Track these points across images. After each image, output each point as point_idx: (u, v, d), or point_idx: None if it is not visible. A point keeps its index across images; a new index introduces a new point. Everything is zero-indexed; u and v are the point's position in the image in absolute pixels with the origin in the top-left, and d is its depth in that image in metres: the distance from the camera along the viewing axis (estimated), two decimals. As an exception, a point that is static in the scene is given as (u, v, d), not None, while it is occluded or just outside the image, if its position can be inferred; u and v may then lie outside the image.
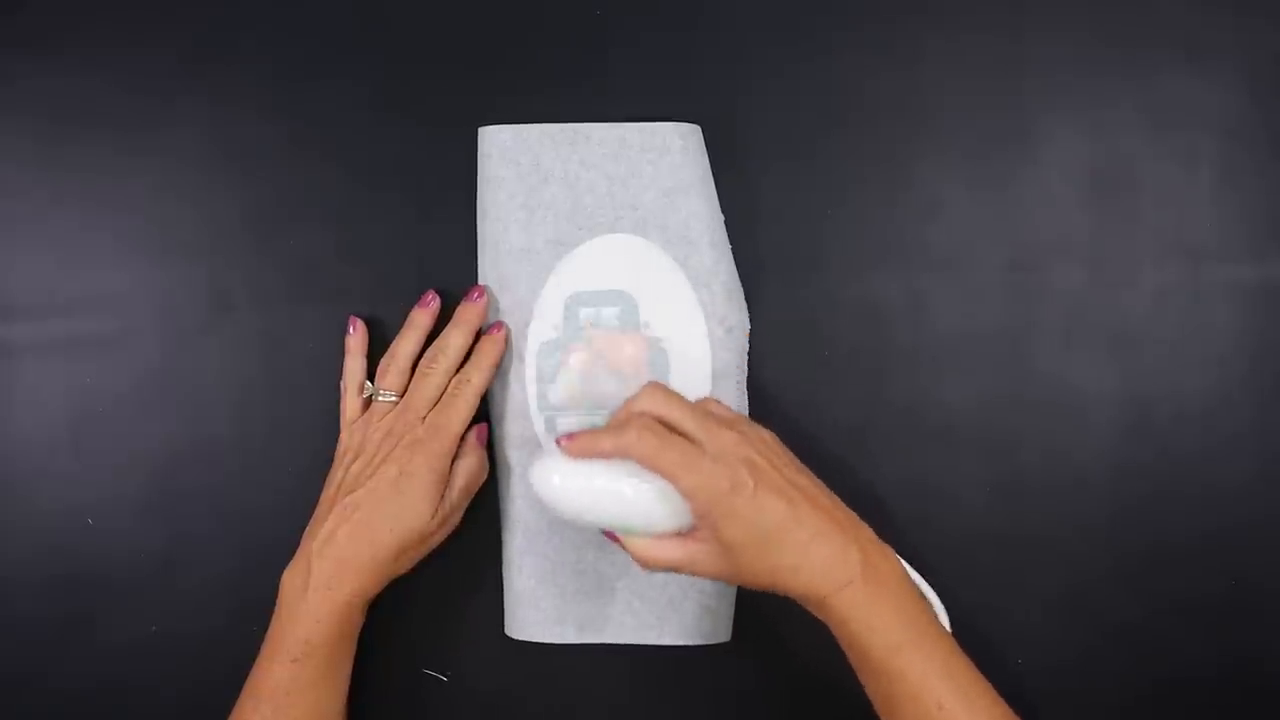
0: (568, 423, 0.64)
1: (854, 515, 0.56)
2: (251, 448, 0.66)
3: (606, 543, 0.64)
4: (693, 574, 0.57)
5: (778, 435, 0.59)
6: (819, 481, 0.57)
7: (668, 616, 0.65)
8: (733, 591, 0.65)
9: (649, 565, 0.57)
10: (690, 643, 0.65)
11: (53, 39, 0.67)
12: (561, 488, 0.57)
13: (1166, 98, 0.67)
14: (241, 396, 0.66)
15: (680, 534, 0.57)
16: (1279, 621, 0.66)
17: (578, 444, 0.56)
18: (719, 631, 0.65)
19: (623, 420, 0.56)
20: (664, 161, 0.65)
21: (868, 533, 0.56)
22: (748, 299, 0.66)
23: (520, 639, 0.65)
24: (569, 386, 0.65)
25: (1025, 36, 0.67)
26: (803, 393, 0.66)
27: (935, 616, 0.56)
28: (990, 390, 0.66)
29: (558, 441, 0.57)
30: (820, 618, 0.55)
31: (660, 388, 0.57)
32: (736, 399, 0.65)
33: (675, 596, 0.65)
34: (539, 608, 0.65)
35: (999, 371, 0.66)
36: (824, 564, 0.54)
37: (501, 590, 0.66)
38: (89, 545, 0.66)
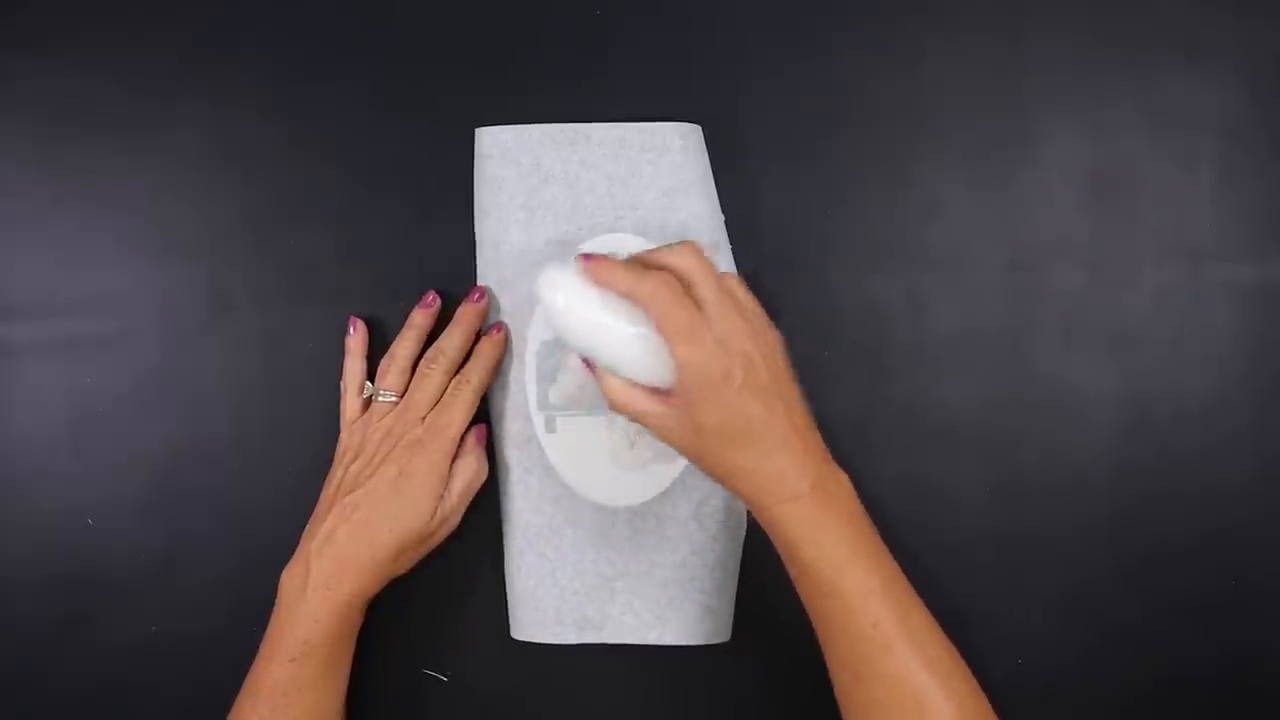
0: (568, 423, 0.64)
1: (820, 439, 0.56)
2: (251, 448, 0.66)
3: (606, 543, 0.65)
4: (653, 432, 0.56)
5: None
6: (802, 399, 0.56)
7: (668, 616, 0.65)
8: (733, 591, 0.65)
9: (616, 407, 0.56)
10: (690, 643, 0.65)
11: (53, 39, 0.67)
12: (564, 307, 0.56)
13: (1166, 98, 0.67)
14: (241, 396, 0.66)
15: (656, 390, 0.56)
16: (1279, 621, 0.66)
17: (596, 268, 0.55)
18: (719, 631, 0.65)
19: (646, 267, 0.55)
20: (664, 161, 0.65)
21: (827, 456, 0.56)
22: (748, 299, 0.66)
23: (520, 639, 0.65)
24: (569, 386, 0.65)
25: (1025, 36, 0.67)
26: (803, 393, 0.66)
27: (878, 538, 0.55)
28: (990, 390, 0.66)
29: (578, 258, 0.55)
30: (765, 528, 0.55)
31: (695, 249, 0.56)
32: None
33: (675, 596, 0.65)
34: (539, 608, 0.65)
35: (999, 371, 0.66)
36: (778, 474, 0.54)
37: (501, 590, 0.66)
38: (89, 545, 0.66)
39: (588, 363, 0.57)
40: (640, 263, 0.56)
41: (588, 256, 0.55)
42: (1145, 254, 0.66)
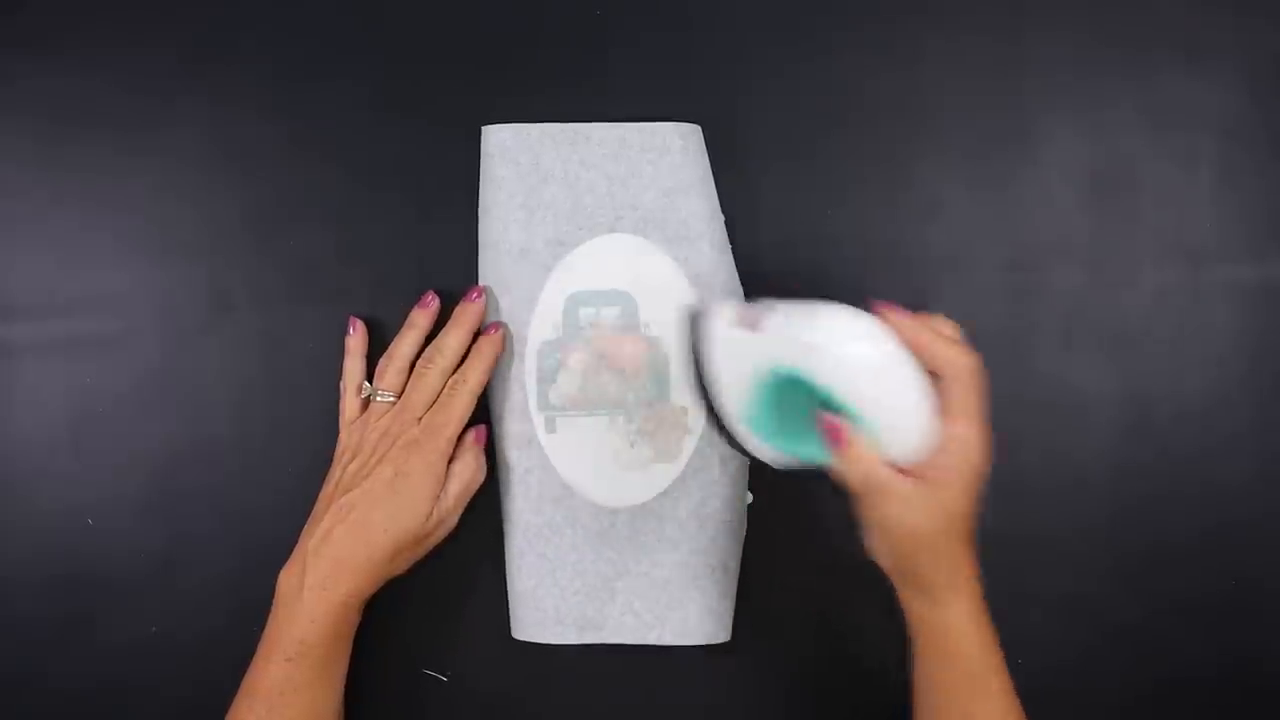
0: (568, 423, 0.64)
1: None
2: (251, 448, 0.66)
3: (606, 543, 0.65)
4: (875, 507, 0.54)
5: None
6: None
7: (668, 616, 0.65)
8: (733, 591, 0.65)
9: (857, 474, 0.53)
10: (690, 643, 0.65)
11: (53, 39, 0.67)
12: (866, 354, 0.52)
13: (1166, 98, 0.67)
14: (241, 396, 0.66)
15: (896, 466, 0.53)
16: (1279, 621, 0.66)
17: (907, 323, 0.53)
18: (719, 631, 0.65)
19: (964, 349, 0.53)
20: (664, 161, 0.65)
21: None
22: (748, 299, 0.66)
23: (520, 639, 0.65)
24: (569, 386, 0.65)
25: (1025, 36, 0.67)
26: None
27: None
28: (990, 390, 0.66)
29: (876, 305, 0.53)
30: (921, 622, 0.56)
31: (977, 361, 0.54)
32: (736, 399, 0.65)
33: (675, 597, 0.65)
34: (539, 608, 0.65)
35: (999, 371, 0.66)
36: (970, 570, 0.55)
37: (501, 590, 0.66)
38: (89, 545, 0.66)
39: (829, 420, 0.53)
40: (951, 338, 0.54)
41: (888, 305, 0.53)
42: (1145, 254, 0.66)
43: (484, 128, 0.66)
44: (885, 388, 0.52)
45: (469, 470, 0.63)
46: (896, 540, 0.54)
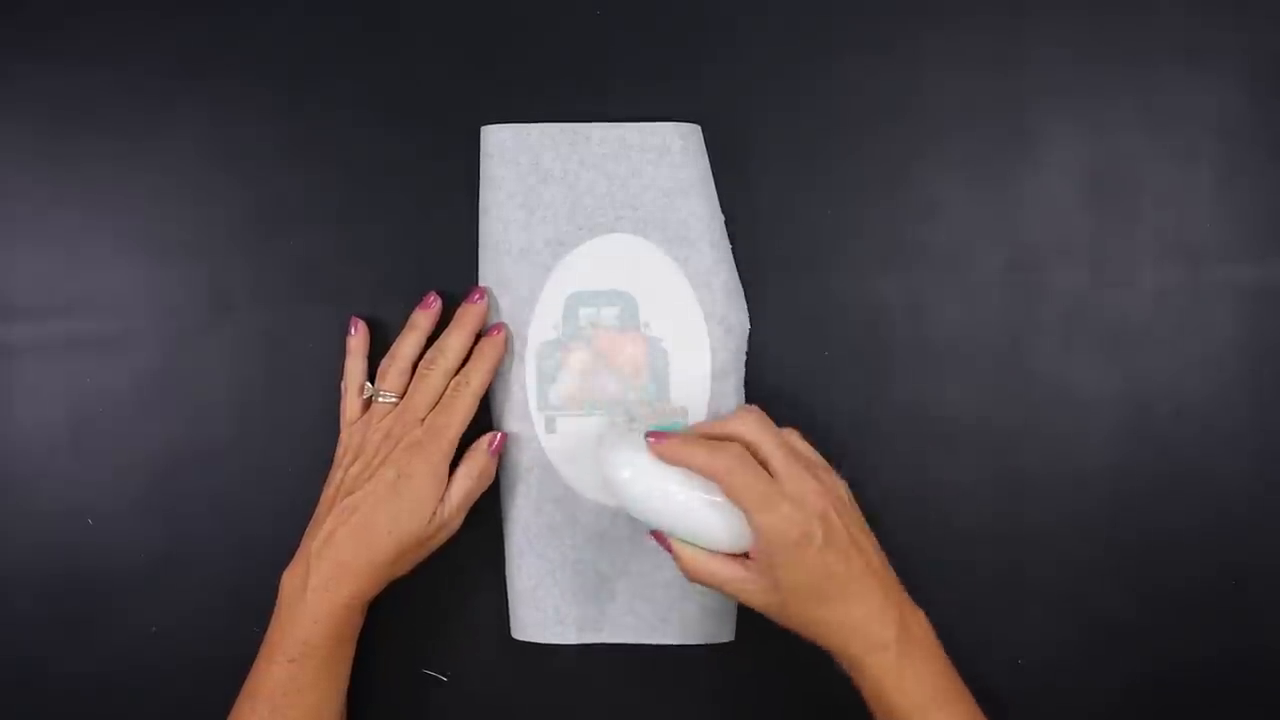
0: (568, 423, 0.64)
1: (895, 578, 0.58)
2: (251, 448, 0.66)
3: (606, 543, 0.65)
4: (736, 596, 0.58)
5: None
6: (874, 540, 0.58)
7: (668, 616, 0.65)
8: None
9: (695, 577, 0.58)
10: (691, 643, 0.65)
11: (53, 39, 0.67)
12: (630, 482, 0.58)
13: (1166, 98, 0.67)
14: (242, 397, 0.66)
15: (734, 556, 0.58)
16: (1278, 621, 0.66)
17: (668, 449, 0.57)
18: (721, 632, 0.65)
19: (717, 445, 0.57)
20: (664, 161, 0.65)
21: (905, 596, 0.57)
22: (748, 299, 0.66)
23: (520, 639, 0.65)
24: (569, 386, 0.65)
25: (1025, 36, 0.67)
26: (803, 393, 0.66)
27: (961, 682, 0.56)
28: (990, 390, 0.66)
29: (647, 437, 0.58)
30: (853, 676, 0.56)
31: (756, 414, 0.58)
32: (736, 399, 0.65)
33: (676, 597, 0.65)
34: (539, 608, 0.65)
35: (999, 371, 0.66)
36: (863, 624, 0.55)
37: (501, 590, 0.66)
38: (89, 545, 0.66)
39: (658, 535, 0.59)
40: (704, 436, 0.58)
41: (657, 435, 0.57)
42: (1145, 254, 0.66)
43: (483, 128, 0.66)
44: (669, 506, 0.57)
45: (478, 474, 0.62)
46: (769, 616, 0.58)
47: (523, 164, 0.65)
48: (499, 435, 0.64)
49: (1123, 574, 0.66)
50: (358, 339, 0.65)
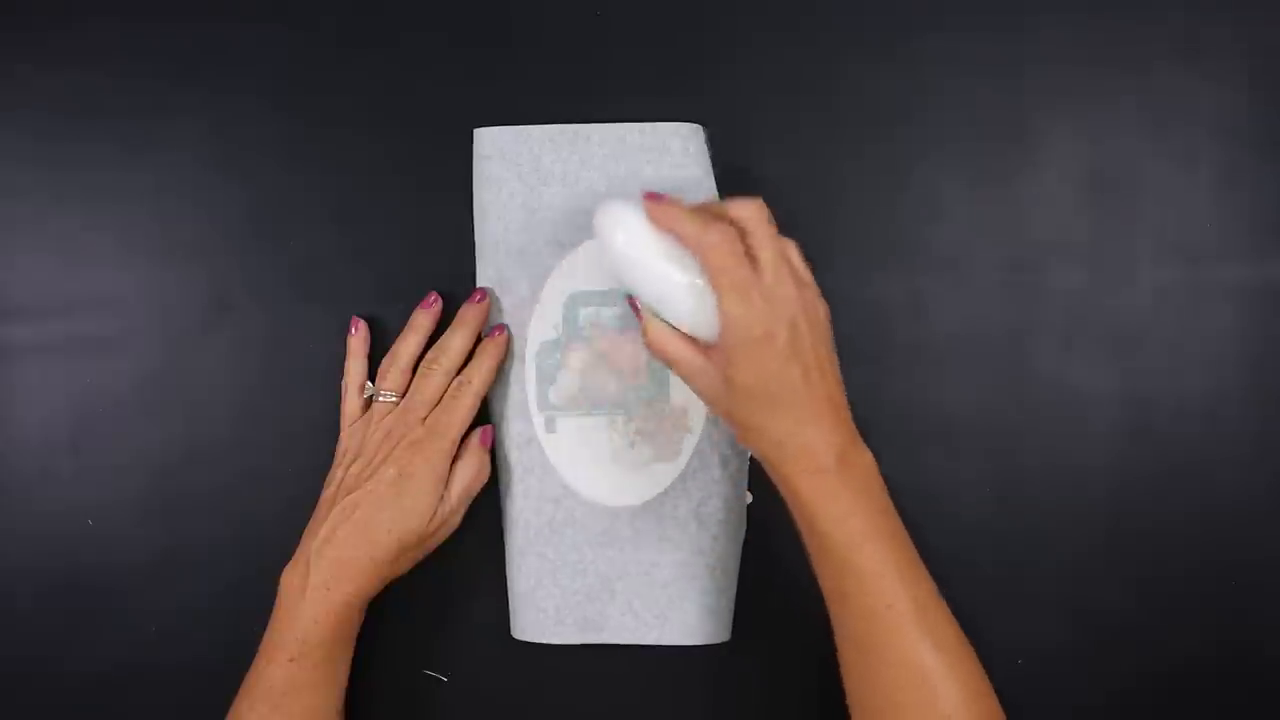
0: (568, 423, 0.64)
1: (850, 417, 0.56)
2: (252, 448, 0.66)
3: (606, 543, 0.65)
4: (686, 380, 0.57)
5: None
6: (838, 369, 0.57)
7: (668, 616, 0.65)
8: (732, 591, 0.65)
9: (653, 347, 0.57)
10: (690, 643, 0.65)
11: (53, 39, 0.67)
12: (622, 245, 0.56)
13: (1166, 98, 0.67)
14: (242, 397, 0.66)
15: (696, 341, 0.57)
16: (1279, 621, 0.66)
17: (661, 211, 0.55)
18: (719, 631, 0.65)
19: (711, 220, 0.55)
20: (664, 161, 0.65)
21: (855, 431, 0.56)
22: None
23: (520, 639, 0.65)
24: (569, 386, 0.65)
25: (1025, 36, 0.67)
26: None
27: (898, 518, 0.56)
28: (990, 390, 0.66)
29: (644, 196, 0.56)
30: (786, 498, 0.56)
31: (760, 207, 0.56)
32: (736, 399, 0.65)
33: (675, 597, 0.65)
34: (539, 608, 0.65)
35: (999, 371, 0.66)
36: (806, 444, 0.54)
37: (501, 590, 0.66)
38: (89, 546, 0.66)
39: (632, 301, 0.58)
40: (705, 211, 0.56)
41: (653, 195, 0.56)
42: (1145, 254, 0.66)
43: (476, 130, 0.66)
44: (649, 276, 0.56)
45: (472, 471, 0.63)
46: (715, 412, 0.57)
47: (523, 165, 0.65)
48: (487, 429, 0.64)
49: (1122, 573, 0.66)
50: (358, 339, 0.65)
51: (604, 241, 0.57)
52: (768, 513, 0.66)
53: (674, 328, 0.57)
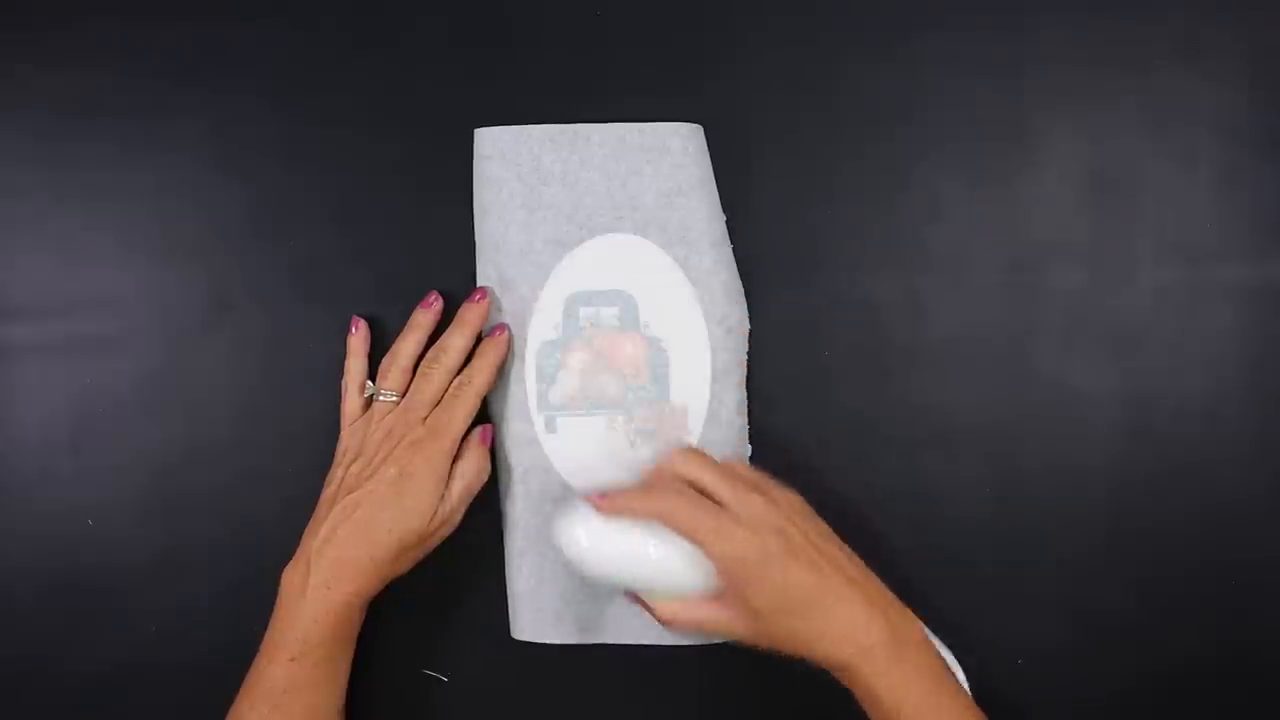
0: (568, 423, 0.64)
1: (877, 580, 0.57)
2: (252, 448, 0.66)
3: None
4: (718, 636, 0.58)
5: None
6: (845, 546, 0.58)
7: (668, 617, 0.65)
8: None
9: (675, 627, 0.58)
10: (690, 643, 0.65)
11: (53, 39, 0.67)
12: (590, 548, 0.58)
13: (1166, 98, 0.67)
14: (242, 397, 0.66)
15: (707, 597, 0.57)
16: (1278, 620, 0.66)
17: (610, 503, 0.57)
18: (719, 632, 0.65)
19: (655, 483, 0.57)
20: (664, 161, 0.65)
21: (891, 597, 0.57)
22: (748, 299, 0.66)
23: (520, 639, 0.65)
24: (569, 386, 0.65)
25: (1025, 36, 0.67)
26: (803, 393, 0.66)
27: (957, 681, 0.56)
28: (990, 391, 0.66)
29: (589, 499, 0.58)
30: (845, 683, 0.56)
31: (692, 452, 0.59)
32: (736, 399, 0.65)
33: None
34: (539, 608, 0.65)
35: (999, 372, 0.66)
36: (848, 629, 0.55)
37: (501, 590, 0.66)
38: (89, 546, 0.66)
39: (631, 595, 0.59)
40: (647, 484, 0.58)
41: (600, 494, 0.58)
42: (1145, 254, 0.66)
43: (477, 130, 0.66)
44: (630, 561, 0.57)
45: (473, 470, 0.63)
46: (763, 647, 0.57)
47: (523, 164, 0.65)
48: (487, 428, 0.64)
49: (1122, 573, 0.66)
50: (358, 338, 0.65)
51: (573, 557, 0.58)
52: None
53: (681, 599, 0.57)
